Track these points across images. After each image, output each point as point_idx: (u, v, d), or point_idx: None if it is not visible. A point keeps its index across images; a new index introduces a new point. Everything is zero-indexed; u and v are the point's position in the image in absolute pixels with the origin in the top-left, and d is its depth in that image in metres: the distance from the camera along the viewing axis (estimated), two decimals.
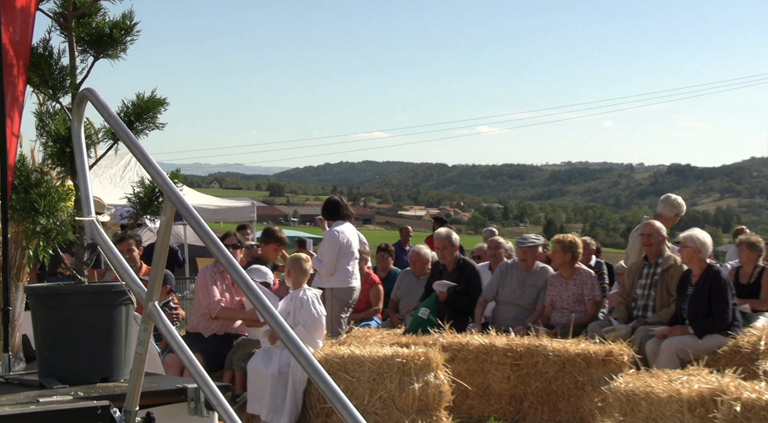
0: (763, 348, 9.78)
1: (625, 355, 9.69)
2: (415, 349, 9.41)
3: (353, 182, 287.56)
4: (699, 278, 10.12)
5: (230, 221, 24.78)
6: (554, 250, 11.78)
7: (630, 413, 7.27)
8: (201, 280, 10.70)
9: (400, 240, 20.56)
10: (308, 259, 10.44)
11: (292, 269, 10.09)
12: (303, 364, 3.18)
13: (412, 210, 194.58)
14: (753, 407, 6.33)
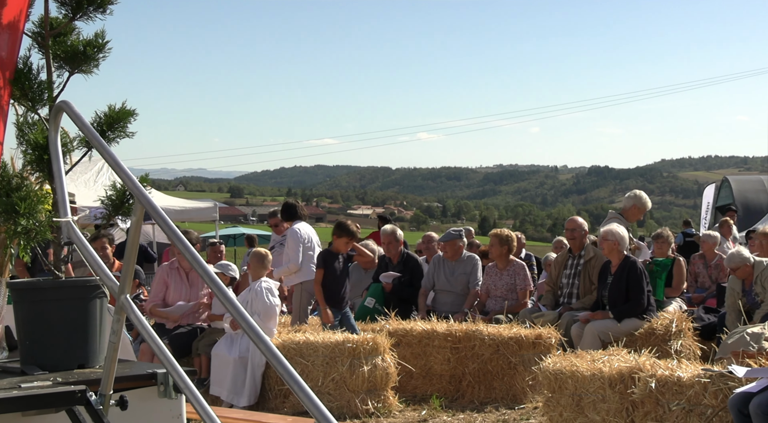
0: (675, 330, 9.87)
1: (552, 338, 9.76)
2: (363, 335, 9.42)
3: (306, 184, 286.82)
4: (618, 268, 10.20)
5: (195, 220, 24.73)
6: (492, 243, 11.81)
7: (558, 390, 7.31)
8: (155, 277, 10.75)
9: None
10: (268, 253, 10.40)
11: (253, 263, 10.07)
12: (262, 349, 3.17)
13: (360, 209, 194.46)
14: (666, 383, 6.39)
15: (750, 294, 10.41)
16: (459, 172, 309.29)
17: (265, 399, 9.50)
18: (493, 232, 12.13)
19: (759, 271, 10.35)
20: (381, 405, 9.29)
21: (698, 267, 13.84)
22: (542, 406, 7.63)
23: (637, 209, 11.46)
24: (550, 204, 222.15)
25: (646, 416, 6.54)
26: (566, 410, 7.21)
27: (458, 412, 9.21)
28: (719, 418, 6.00)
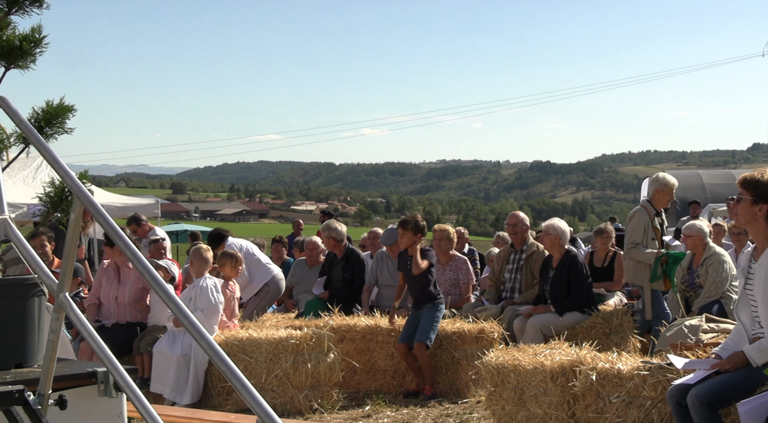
0: (615, 323, 10.00)
1: (495, 333, 9.82)
2: (307, 331, 9.40)
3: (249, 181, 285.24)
4: (559, 262, 10.29)
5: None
6: (433, 238, 11.84)
7: (500, 384, 7.35)
8: (95, 276, 10.71)
9: (293, 232, 20.59)
10: (209, 249, 10.34)
11: (195, 259, 10.00)
12: (204, 346, 3.15)
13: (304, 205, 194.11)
14: (606, 376, 6.46)
15: (693, 274, 10.54)
16: (403, 168, 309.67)
17: (208, 396, 9.44)
18: (435, 227, 12.16)
19: (709, 254, 10.49)
20: (325, 401, 9.28)
21: None
22: (485, 400, 7.66)
23: (661, 193, 10.53)
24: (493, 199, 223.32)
25: (586, 409, 6.60)
26: (509, 404, 7.25)
27: (402, 407, 9.23)
28: (658, 409, 6.08)
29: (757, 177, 5.66)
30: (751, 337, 5.70)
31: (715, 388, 5.34)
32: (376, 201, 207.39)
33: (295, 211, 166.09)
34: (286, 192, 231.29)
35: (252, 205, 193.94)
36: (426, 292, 9.83)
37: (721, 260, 10.43)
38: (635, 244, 9.99)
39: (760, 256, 5.65)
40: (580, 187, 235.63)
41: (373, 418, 8.78)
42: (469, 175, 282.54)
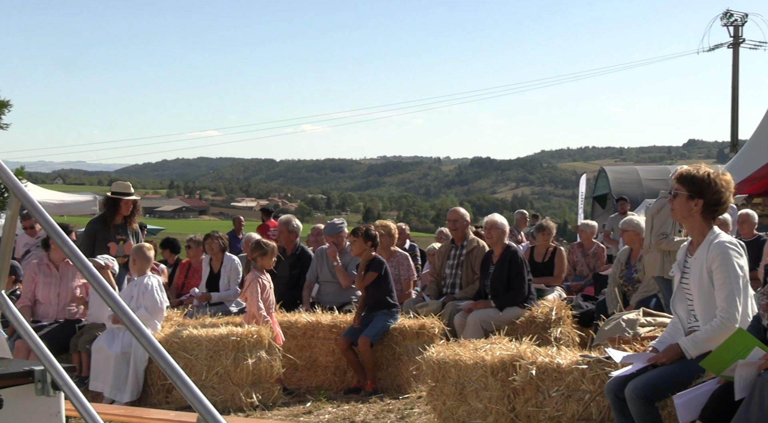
0: (555, 318, 10.08)
1: (436, 328, 9.86)
2: (248, 327, 9.37)
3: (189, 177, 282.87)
4: (499, 258, 10.35)
5: (74, 214, 24.19)
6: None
7: (441, 379, 7.38)
8: (24, 277, 10.55)
9: (233, 229, 20.49)
10: (151, 247, 10.26)
11: (137, 257, 9.90)
12: (144, 344, 3.13)
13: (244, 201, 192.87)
14: (546, 370, 6.52)
15: (631, 269, 10.67)
16: (343, 164, 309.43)
17: (147, 394, 9.37)
18: (376, 223, 12.18)
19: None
20: (266, 398, 9.25)
21: (576, 256, 14.14)
22: (426, 395, 7.69)
23: None
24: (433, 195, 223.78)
25: (526, 403, 6.66)
26: (449, 399, 7.28)
27: (343, 403, 9.23)
28: (596, 403, 6.15)
29: (693, 172, 5.75)
30: (687, 330, 5.79)
31: (652, 381, 5.42)
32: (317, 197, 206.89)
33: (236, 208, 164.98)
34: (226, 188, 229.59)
35: (192, 201, 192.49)
36: (380, 301, 9.90)
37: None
38: (665, 235, 9.99)
39: (696, 251, 5.74)
40: (519, 183, 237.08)
41: (315, 415, 8.77)
42: (410, 172, 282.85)
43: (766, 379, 4.37)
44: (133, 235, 10.93)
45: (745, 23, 48.04)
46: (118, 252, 10.69)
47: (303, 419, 8.60)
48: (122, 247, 10.68)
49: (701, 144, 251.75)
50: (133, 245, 10.48)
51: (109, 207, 10.84)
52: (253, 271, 9.92)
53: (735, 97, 45.62)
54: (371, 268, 9.94)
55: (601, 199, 39.10)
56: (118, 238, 10.76)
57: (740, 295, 5.49)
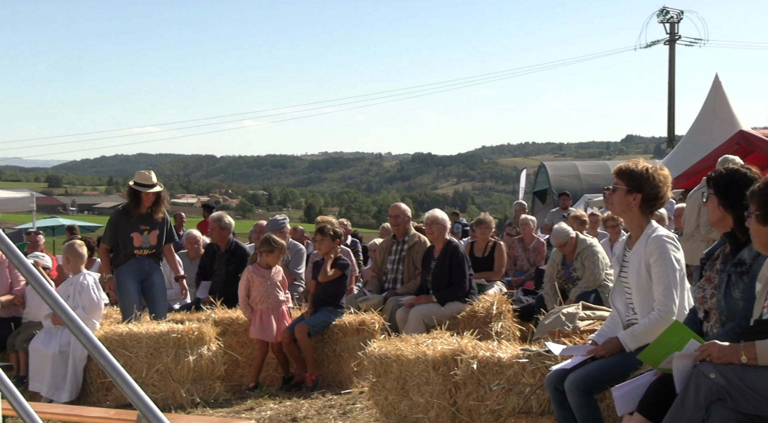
0: (495, 312, 10.15)
1: (376, 324, 9.88)
2: (189, 324, 9.32)
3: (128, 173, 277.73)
4: (441, 253, 10.40)
5: (10, 211, 23.86)
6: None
7: (383, 374, 7.40)
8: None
9: (174, 225, 20.33)
10: (83, 244, 10.13)
11: (70, 255, 9.78)
12: (83, 342, 3.10)
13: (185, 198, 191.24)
14: (487, 364, 6.56)
15: (568, 268, 10.79)
16: (284, 160, 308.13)
17: (87, 393, 9.27)
18: (319, 219, 12.17)
19: (581, 248, 10.74)
20: (207, 395, 9.21)
21: (517, 250, 14.25)
22: (368, 390, 7.70)
23: None
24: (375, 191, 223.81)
25: (468, 397, 6.69)
26: (391, 393, 7.31)
27: (285, 399, 9.21)
28: (536, 396, 6.21)
29: (632, 167, 5.82)
30: (626, 324, 5.87)
31: (591, 373, 5.48)
32: (258, 193, 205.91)
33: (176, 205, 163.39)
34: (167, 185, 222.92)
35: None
36: (331, 298, 9.94)
37: (594, 251, 10.69)
38: None
39: (635, 245, 5.81)
40: (460, 179, 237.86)
41: (256, 411, 8.74)
42: (351, 167, 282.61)
43: (701, 371, 4.44)
44: (161, 224, 10.59)
45: (681, 20, 48.80)
46: (143, 243, 10.44)
47: (245, 416, 8.56)
48: (147, 237, 10.42)
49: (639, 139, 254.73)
50: (159, 235, 10.39)
51: (130, 198, 10.51)
52: (255, 266, 10.07)
53: (671, 93, 46.28)
54: (336, 266, 9.99)
55: (541, 195, 39.48)
56: (142, 228, 10.47)
57: (677, 289, 5.57)
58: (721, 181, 5.37)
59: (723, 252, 5.38)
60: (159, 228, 10.48)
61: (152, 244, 10.42)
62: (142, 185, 10.36)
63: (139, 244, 10.38)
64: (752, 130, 21.32)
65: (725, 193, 5.32)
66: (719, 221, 5.39)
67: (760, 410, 4.41)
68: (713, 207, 5.39)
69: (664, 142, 48.01)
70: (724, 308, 5.15)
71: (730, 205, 5.28)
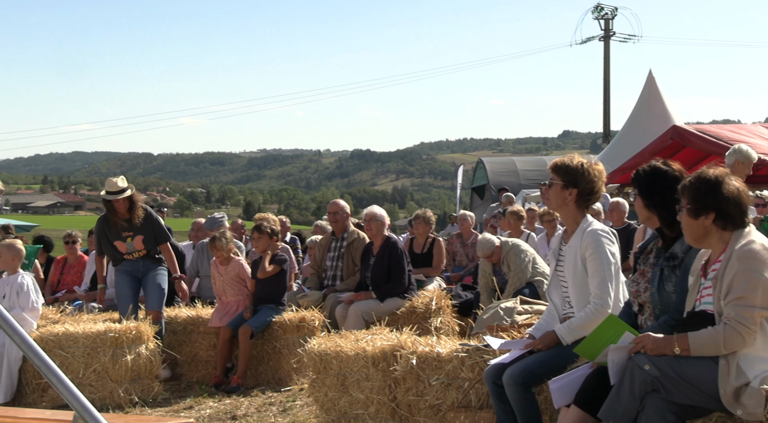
0: (435, 307, 10.19)
1: (316, 321, 9.87)
2: (126, 323, 9.23)
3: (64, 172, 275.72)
4: (379, 249, 10.41)
5: None
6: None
7: (323, 371, 7.40)
8: None
9: None
10: (18, 242, 10.00)
11: (10, 255, 9.64)
12: (18, 342, 3.06)
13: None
14: (426, 359, 6.58)
15: (500, 273, 10.87)
16: (223, 157, 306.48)
17: (22, 394, 9.14)
18: (257, 216, 12.12)
19: (505, 252, 10.82)
20: (146, 394, 9.13)
21: (456, 246, 14.31)
22: (308, 387, 7.69)
23: (742, 165, 9.81)
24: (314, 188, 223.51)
25: (407, 392, 6.71)
26: (331, 390, 7.31)
27: (224, 397, 9.17)
28: (475, 390, 6.24)
29: (567, 162, 5.88)
30: (562, 317, 5.93)
31: (528, 367, 5.53)
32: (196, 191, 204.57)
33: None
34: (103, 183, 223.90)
35: (67, 196, 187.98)
36: (271, 296, 9.93)
37: (516, 251, 10.76)
38: None
39: (570, 239, 5.88)
40: (399, 175, 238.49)
41: (196, 410, 8.69)
42: (290, 164, 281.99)
43: (636, 363, 4.50)
44: (146, 228, 10.42)
45: (615, 17, 49.41)
46: (129, 249, 10.35)
47: (184, 415, 8.51)
48: (131, 243, 10.32)
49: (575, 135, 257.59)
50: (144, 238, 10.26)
51: (106, 208, 10.47)
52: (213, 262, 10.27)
53: (607, 89, 46.82)
54: (274, 262, 9.96)
55: (479, 190, 39.67)
56: (125, 235, 10.36)
57: (612, 282, 5.65)
58: (643, 180, 5.46)
59: (656, 246, 5.47)
60: (143, 232, 10.36)
61: (138, 248, 10.32)
62: (112, 193, 10.28)
63: (125, 251, 10.36)
64: (685, 126, 21.65)
65: (648, 193, 5.41)
66: (647, 220, 5.48)
67: (692, 400, 4.49)
68: (640, 207, 5.49)
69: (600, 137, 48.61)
70: (657, 301, 5.24)
71: (653, 204, 5.37)
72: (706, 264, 4.85)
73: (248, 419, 8.20)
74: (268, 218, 11.62)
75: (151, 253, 10.35)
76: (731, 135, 20.05)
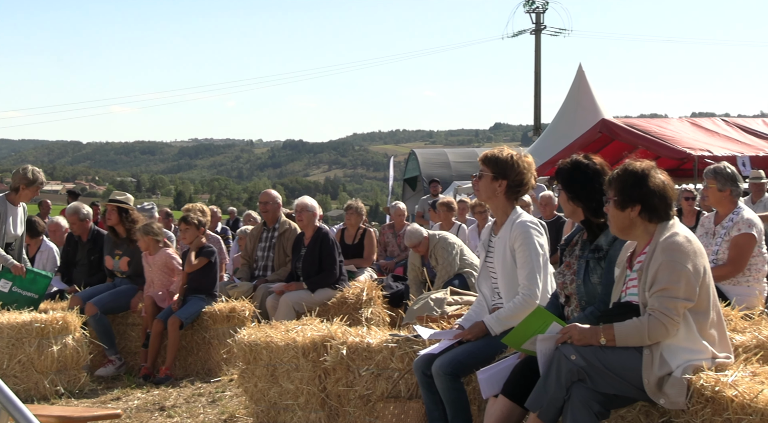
0: (365, 298, 10.22)
1: (247, 311, 9.83)
2: (53, 314, 9.10)
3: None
4: (310, 240, 10.40)
5: None
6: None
7: (253, 361, 7.37)
8: None
9: (39, 213, 19.88)
10: None
11: None
12: None
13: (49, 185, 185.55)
14: (356, 349, 6.60)
15: (429, 266, 10.92)
16: (153, 147, 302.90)
17: None
18: (186, 207, 12.03)
19: (432, 245, 10.88)
20: (72, 385, 9.02)
21: (387, 236, 14.34)
22: (237, 378, 7.67)
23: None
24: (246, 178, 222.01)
25: (337, 382, 6.73)
26: (261, 380, 7.29)
27: (153, 388, 9.10)
28: (405, 380, 6.27)
29: (497, 154, 5.93)
30: (491, 308, 5.98)
31: (457, 357, 5.57)
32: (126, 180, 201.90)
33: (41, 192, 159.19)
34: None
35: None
36: (202, 287, 9.88)
37: (444, 244, 10.82)
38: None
39: (500, 230, 5.93)
40: (332, 166, 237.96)
41: (123, 401, 8.61)
42: (222, 154, 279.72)
43: (563, 353, 4.56)
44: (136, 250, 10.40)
45: (546, 10, 49.82)
46: (114, 267, 10.45)
47: (111, 406, 8.42)
48: (117, 262, 10.32)
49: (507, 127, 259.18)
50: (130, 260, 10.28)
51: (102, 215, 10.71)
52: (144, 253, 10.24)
53: (538, 82, 47.22)
54: (202, 255, 9.89)
55: (411, 182, 39.84)
56: (116, 252, 10.49)
57: (541, 273, 5.71)
58: (566, 174, 5.54)
59: (581, 238, 5.54)
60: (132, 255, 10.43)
61: (122, 269, 10.51)
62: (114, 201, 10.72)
63: (111, 267, 10.60)
64: (614, 119, 21.97)
65: (571, 186, 5.48)
66: (572, 213, 5.56)
67: (617, 389, 4.57)
68: (564, 200, 5.57)
69: (531, 130, 49.02)
70: (583, 293, 5.31)
71: (577, 197, 5.45)
72: (632, 256, 4.93)
73: (177, 410, 8.14)
74: (196, 209, 11.55)
75: (132, 277, 10.45)
76: (658, 129, 20.39)
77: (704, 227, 7.98)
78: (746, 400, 4.22)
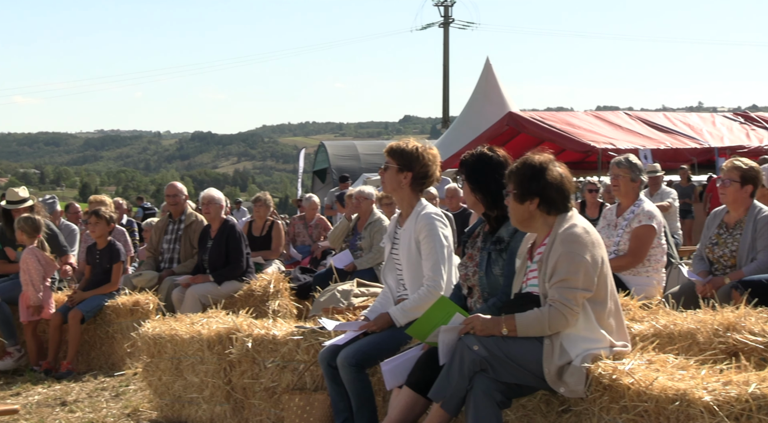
0: (273, 291, 10.19)
1: (151, 304, 9.71)
2: None
3: None
4: (217, 232, 10.32)
5: None
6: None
7: (157, 354, 7.31)
8: None
9: None
10: None
11: None
12: None
13: None
14: (262, 342, 6.59)
15: (356, 236, 11.00)
16: (58, 138, 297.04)
17: None
18: (92, 197, 11.87)
19: (374, 219, 10.97)
20: None
21: (298, 228, 14.31)
22: (141, 371, 7.60)
23: None
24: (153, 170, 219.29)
25: (243, 375, 6.71)
26: (165, 374, 7.23)
27: (54, 383, 8.94)
28: (310, 372, 6.28)
29: (402, 146, 5.97)
30: (397, 299, 6.02)
31: (362, 348, 5.59)
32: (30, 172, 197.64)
33: None
34: None
35: None
36: (104, 282, 9.78)
37: (383, 227, 10.88)
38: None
39: (405, 222, 5.96)
40: (241, 158, 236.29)
41: (23, 396, 8.45)
42: (129, 146, 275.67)
43: (465, 343, 4.61)
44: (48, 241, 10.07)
45: (455, 4, 50.27)
46: (17, 258, 10.09)
47: (10, 401, 8.25)
48: (20, 254, 9.97)
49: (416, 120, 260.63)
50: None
51: (3, 217, 10.31)
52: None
53: (446, 75, 47.62)
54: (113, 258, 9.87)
55: (320, 174, 39.79)
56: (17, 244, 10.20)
57: (445, 264, 5.77)
58: (470, 166, 5.60)
59: (483, 230, 5.61)
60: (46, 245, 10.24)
61: None
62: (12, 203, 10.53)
63: (13, 258, 10.33)
64: (521, 112, 22.24)
65: (474, 178, 5.55)
66: (474, 205, 5.63)
67: (519, 379, 4.63)
68: (467, 192, 5.63)
69: (440, 122, 49.37)
70: (486, 284, 5.37)
71: (479, 189, 5.51)
72: (532, 247, 5.01)
73: (79, 405, 8.02)
74: (107, 203, 11.41)
75: None
76: (564, 122, 20.72)
77: (606, 219, 8.13)
78: (642, 387, 4.31)
